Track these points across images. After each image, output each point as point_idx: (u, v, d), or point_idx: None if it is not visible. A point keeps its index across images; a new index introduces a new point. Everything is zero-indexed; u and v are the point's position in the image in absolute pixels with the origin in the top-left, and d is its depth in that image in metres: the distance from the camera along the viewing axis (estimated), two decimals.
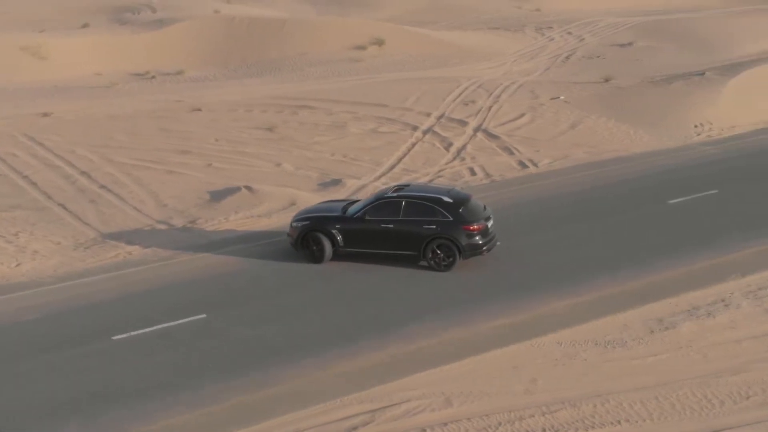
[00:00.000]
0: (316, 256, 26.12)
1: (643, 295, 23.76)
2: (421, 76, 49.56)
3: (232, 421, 18.38)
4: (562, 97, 43.08)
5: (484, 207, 26.46)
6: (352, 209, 26.54)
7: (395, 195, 26.18)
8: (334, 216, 26.37)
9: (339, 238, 25.99)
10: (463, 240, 25.42)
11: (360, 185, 32.83)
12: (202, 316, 22.80)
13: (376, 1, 75.13)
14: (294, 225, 26.54)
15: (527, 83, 46.56)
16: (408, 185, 27.57)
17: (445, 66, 53.51)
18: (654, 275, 25.07)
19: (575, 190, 32.10)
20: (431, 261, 25.58)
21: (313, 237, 26.07)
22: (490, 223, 26.03)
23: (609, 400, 19.06)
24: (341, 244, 26.01)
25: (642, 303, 23.30)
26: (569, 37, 61.93)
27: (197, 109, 42.11)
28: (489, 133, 38.46)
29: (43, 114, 42.10)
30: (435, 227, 25.48)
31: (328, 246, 26.00)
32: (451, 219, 25.52)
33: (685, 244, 27.13)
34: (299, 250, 26.31)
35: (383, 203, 26.05)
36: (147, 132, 39.11)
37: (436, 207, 25.69)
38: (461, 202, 25.95)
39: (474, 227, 25.55)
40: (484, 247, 25.78)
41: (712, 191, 31.46)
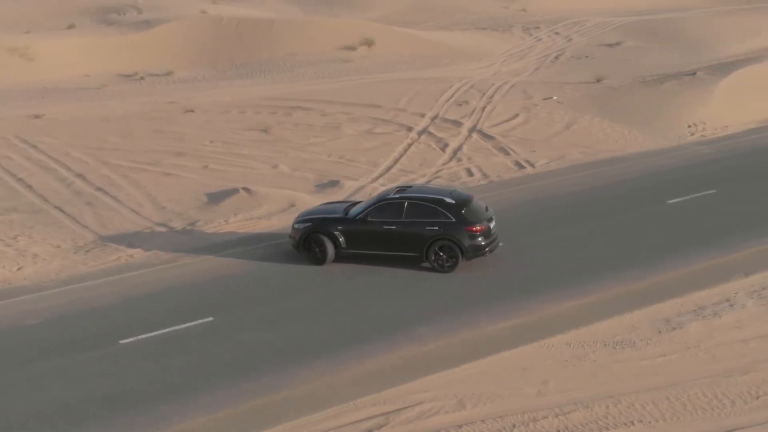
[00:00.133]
0: (318, 257, 26.06)
1: (649, 296, 23.82)
2: (413, 76, 49.52)
3: (247, 425, 18.32)
4: (555, 98, 43.15)
5: (486, 208, 26.44)
6: (354, 211, 26.48)
7: (397, 196, 26.11)
8: (336, 217, 26.30)
9: (341, 239, 25.94)
10: (466, 241, 25.41)
11: (358, 186, 32.77)
12: (209, 319, 22.71)
13: (363, 1, 75.04)
14: (296, 227, 26.46)
15: (519, 83, 46.60)
16: (410, 186, 27.53)
17: (436, 66, 53.50)
18: (657, 275, 25.12)
19: (573, 190, 32.13)
20: (434, 262, 25.55)
21: (316, 239, 26.02)
22: (492, 224, 26.02)
23: (621, 401, 19.11)
24: (344, 245, 25.96)
25: (648, 303, 23.35)
26: (557, 38, 62.04)
27: (190, 111, 41.92)
28: (484, 134, 38.48)
29: (35, 116, 41.81)
30: (438, 228, 25.45)
31: (330, 248, 25.94)
32: (454, 220, 25.49)
33: (687, 244, 27.21)
34: (301, 251, 26.25)
35: (385, 204, 26.00)
36: (141, 134, 38.90)
37: (438, 208, 25.65)
38: (463, 203, 25.92)
39: (476, 228, 25.54)
40: (486, 248, 25.77)
41: (710, 191, 31.56)
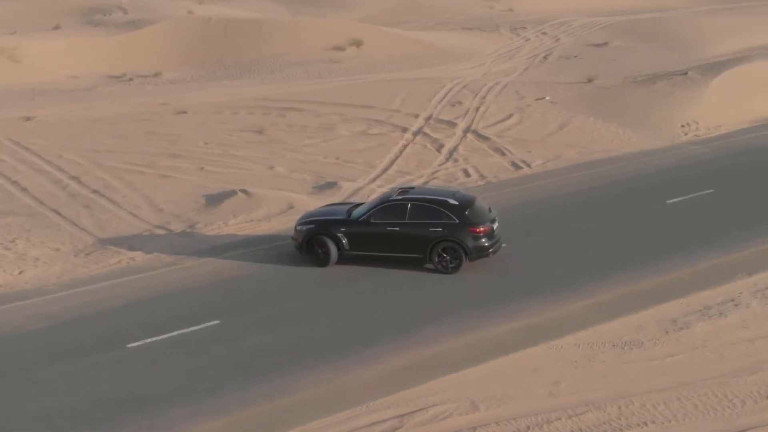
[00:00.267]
0: (321, 259, 25.99)
1: (654, 296, 23.87)
2: (403, 77, 49.47)
3: (259, 429, 18.25)
4: (547, 98, 43.19)
5: (489, 209, 26.43)
6: (357, 212, 26.41)
7: (401, 198, 26.05)
8: (339, 219, 26.22)
9: (344, 241, 25.86)
10: (470, 242, 25.38)
11: (356, 188, 32.69)
12: (215, 322, 22.59)
13: (349, 2, 74.87)
14: (299, 228, 26.36)
15: (511, 84, 46.61)
16: (412, 188, 27.52)
17: (425, 66, 53.46)
18: (661, 275, 25.16)
19: (572, 190, 32.14)
20: (437, 264, 25.50)
21: (319, 240, 25.93)
22: (495, 225, 26.00)
23: (633, 401, 19.14)
24: (347, 247, 25.88)
25: (654, 303, 23.40)
26: (544, 38, 62.11)
27: (182, 112, 41.72)
28: (479, 134, 38.47)
29: (26, 118, 41.51)
30: (441, 230, 25.40)
31: (333, 249, 25.87)
32: (457, 221, 25.46)
33: (688, 244, 27.26)
34: (304, 253, 26.16)
35: (388, 206, 25.94)
36: (133, 135, 38.66)
37: (441, 209, 25.61)
38: (467, 204, 25.90)
39: (480, 229, 25.52)
40: (490, 249, 25.75)
41: (707, 191, 31.63)
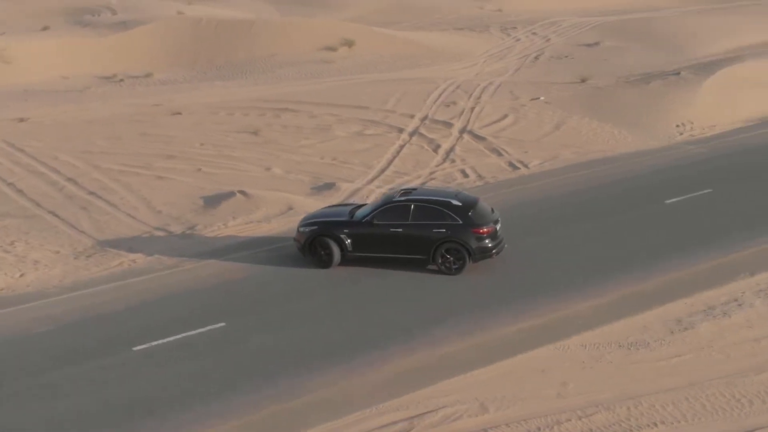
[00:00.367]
0: (324, 261, 25.93)
1: (657, 296, 23.92)
2: (396, 77, 49.40)
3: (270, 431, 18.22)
4: (542, 98, 43.22)
5: (492, 210, 26.42)
6: (359, 213, 26.36)
7: (404, 199, 26.01)
8: (341, 220, 26.17)
9: (348, 242, 25.81)
10: (473, 243, 25.38)
11: (354, 189, 32.62)
12: (221, 324, 22.51)
13: (339, 2, 74.77)
14: (301, 230, 26.30)
15: (505, 84, 46.61)
16: (415, 189, 27.49)
17: (418, 67, 53.40)
18: (663, 276, 25.22)
19: (570, 191, 32.15)
20: (441, 265, 25.48)
21: (321, 242, 25.88)
22: (498, 226, 26.00)
23: (641, 402, 19.17)
24: (350, 248, 25.84)
25: (658, 304, 23.45)
26: (535, 38, 62.12)
27: (177, 113, 41.56)
28: (475, 135, 38.45)
29: (20, 119, 41.28)
30: (444, 231, 25.38)
31: (336, 251, 25.82)
32: (461, 222, 25.45)
33: (688, 244, 27.32)
34: (307, 255, 26.10)
35: (392, 207, 25.90)
36: (128, 137, 38.47)
37: (445, 210, 25.59)
38: (470, 205, 25.89)
39: (483, 230, 25.51)
40: (493, 250, 25.75)
41: (706, 190, 31.70)
